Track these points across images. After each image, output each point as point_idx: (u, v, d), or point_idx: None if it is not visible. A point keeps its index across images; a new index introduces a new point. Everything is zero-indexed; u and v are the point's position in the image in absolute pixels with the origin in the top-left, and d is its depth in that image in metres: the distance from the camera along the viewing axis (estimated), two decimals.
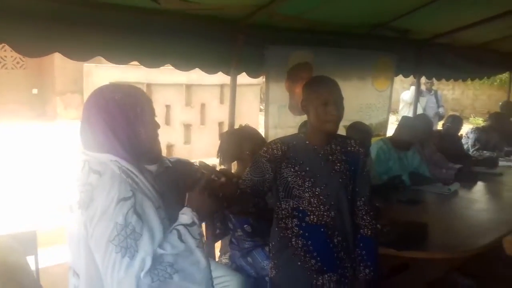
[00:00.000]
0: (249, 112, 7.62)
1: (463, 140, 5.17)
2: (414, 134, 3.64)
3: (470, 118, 13.69)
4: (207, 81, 7.10)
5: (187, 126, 7.86)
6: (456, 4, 3.37)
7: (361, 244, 1.80)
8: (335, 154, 1.78)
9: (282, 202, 1.78)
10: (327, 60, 3.65)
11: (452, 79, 5.41)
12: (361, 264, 1.78)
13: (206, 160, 1.81)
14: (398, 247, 2.18)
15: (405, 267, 2.87)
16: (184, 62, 2.87)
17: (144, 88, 7.04)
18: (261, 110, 6.88)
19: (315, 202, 1.72)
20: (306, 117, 1.82)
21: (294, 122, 3.37)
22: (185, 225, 1.41)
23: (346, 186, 1.76)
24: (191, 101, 7.84)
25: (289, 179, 1.74)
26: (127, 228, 1.28)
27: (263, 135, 2.98)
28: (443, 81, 5.77)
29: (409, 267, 2.87)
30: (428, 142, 4.09)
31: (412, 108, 5.41)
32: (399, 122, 3.74)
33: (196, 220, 1.43)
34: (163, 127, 7.81)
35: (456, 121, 4.81)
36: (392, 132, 3.76)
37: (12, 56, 9.88)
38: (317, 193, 1.72)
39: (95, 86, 1.49)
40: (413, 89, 5.40)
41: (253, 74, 3.37)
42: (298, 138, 1.82)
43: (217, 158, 2.51)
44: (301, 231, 1.75)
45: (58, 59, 8.70)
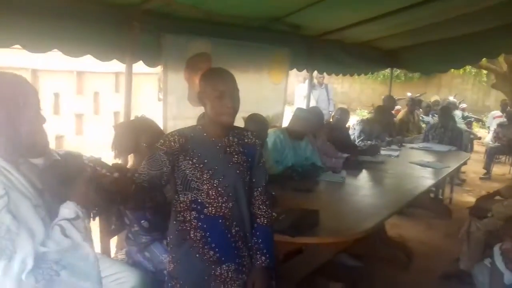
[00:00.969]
0: (147, 103, 7.39)
1: (350, 131, 5.59)
2: (307, 125, 3.84)
3: (357, 110, 14.79)
4: (101, 69, 6.71)
5: (79, 116, 7.39)
6: (343, 4, 3.59)
7: (258, 233, 1.85)
8: (233, 146, 1.81)
9: (180, 195, 1.77)
10: (225, 52, 3.67)
11: (341, 74, 5.78)
12: (258, 252, 1.84)
13: (101, 153, 1.72)
14: (292, 234, 2.29)
15: (299, 252, 3.04)
16: (74, 48, 2.66)
17: (29, 75, 6.45)
18: (160, 100, 6.72)
19: (214, 194, 1.74)
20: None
21: (194, 114, 3.34)
22: (69, 220, 1.34)
23: (244, 177, 1.80)
24: (83, 89, 7.37)
25: (187, 172, 1.73)
26: (0, 229, 1.19)
27: (162, 127, 2.92)
28: (334, 76, 6.14)
29: (303, 252, 3.04)
30: (320, 133, 4.35)
31: (306, 101, 5.70)
32: (294, 114, 3.92)
33: (81, 214, 1.37)
34: (51, 117, 7.24)
35: (344, 114, 5.17)
36: (288, 123, 3.93)
37: None
38: (216, 185, 1.74)
39: None
40: (307, 83, 5.66)
41: (150, 63, 3.26)
42: (196, 130, 1.81)
43: (112, 151, 2.40)
44: (200, 223, 1.75)
45: None
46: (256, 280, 1.82)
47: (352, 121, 6.38)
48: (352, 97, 17.09)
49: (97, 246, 2.09)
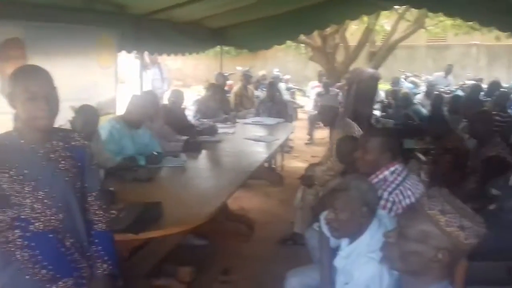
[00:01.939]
0: None
1: (187, 112, 5.61)
2: (144, 113, 3.72)
3: (192, 86, 14.91)
4: None
5: None
6: None
7: (97, 240, 1.74)
8: (58, 151, 1.63)
9: None
10: (43, 36, 3.28)
11: (172, 54, 5.71)
12: (98, 260, 1.72)
13: None
14: (136, 231, 2.22)
15: (145, 244, 2.98)
16: None
17: None
18: None
19: (39, 208, 1.55)
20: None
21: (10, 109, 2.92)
22: None
23: (74, 184, 1.65)
24: None
25: (4, 186, 1.51)
26: None
27: None
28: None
29: (149, 243, 2.99)
30: (156, 117, 4.26)
31: (140, 82, 5.47)
32: (130, 102, 3.72)
33: None
34: None
35: (179, 95, 5.16)
36: (124, 112, 3.72)
37: None
38: (41, 197, 1.55)
39: None
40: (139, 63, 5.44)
41: None
42: (11, 137, 1.58)
43: None
44: (26, 242, 1.56)
45: None
46: None
47: (188, 101, 6.40)
48: (187, 73, 17.12)
49: None
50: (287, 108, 7.09)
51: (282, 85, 9.89)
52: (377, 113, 7.37)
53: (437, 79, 10.00)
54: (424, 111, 6.85)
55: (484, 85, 8.73)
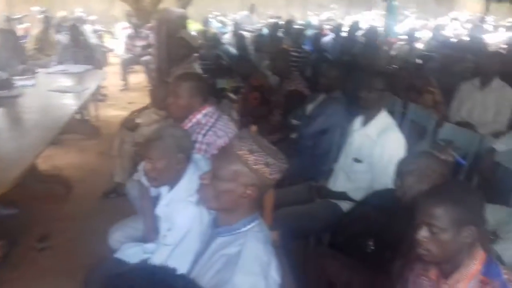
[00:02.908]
0: None
1: None
2: None
3: None
4: None
5: None
6: None
7: None
8: None
9: None
10: None
11: None
12: None
13: None
14: None
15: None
16: None
17: None
18: None
19: None
20: None
21: None
22: None
23: None
24: None
25: None
26: None
27: None
28: None
29: None
30: None
31: None
32: None
33: None
34: None
35: None
36: None
37: None
38: None
39: None
40: None
41: None
42: None
43: None
44: None
45: None
46: None
47: None
48: None
49: None
50: (95, 53, 6.57)
51: (87, 28, 9.08)
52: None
53: (243, 18, 10.49)
54: (233, 51, 7.16)
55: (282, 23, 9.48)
